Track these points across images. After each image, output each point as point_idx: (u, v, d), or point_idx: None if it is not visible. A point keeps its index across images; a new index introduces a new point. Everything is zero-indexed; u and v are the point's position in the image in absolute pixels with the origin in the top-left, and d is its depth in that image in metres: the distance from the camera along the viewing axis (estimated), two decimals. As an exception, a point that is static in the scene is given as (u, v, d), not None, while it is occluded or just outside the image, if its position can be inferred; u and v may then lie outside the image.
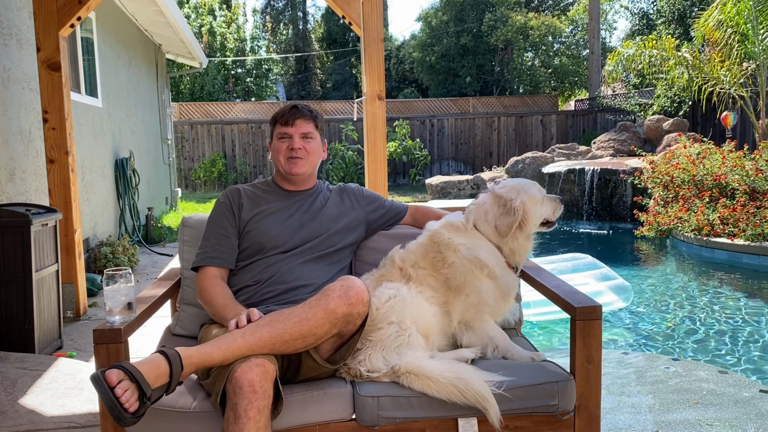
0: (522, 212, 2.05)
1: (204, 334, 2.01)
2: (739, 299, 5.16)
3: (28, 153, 4.68)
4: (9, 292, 3.44)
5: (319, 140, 2.28)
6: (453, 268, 2.03)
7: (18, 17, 4.65)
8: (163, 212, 10.41)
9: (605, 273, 5.08)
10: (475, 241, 2.07)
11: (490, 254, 2.05)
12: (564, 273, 5.00)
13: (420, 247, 2.12)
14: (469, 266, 2.02)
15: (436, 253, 2.06)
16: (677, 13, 17.92)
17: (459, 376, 1.76)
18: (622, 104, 15.97)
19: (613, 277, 5.00)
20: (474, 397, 1.73)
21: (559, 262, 5.39)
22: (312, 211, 2.25)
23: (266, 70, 21.73)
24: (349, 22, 4.42)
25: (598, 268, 5.19)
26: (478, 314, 2.02)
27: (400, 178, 17.22)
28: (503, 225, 2.06)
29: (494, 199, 2.11)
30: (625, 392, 3.21)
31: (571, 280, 4.70)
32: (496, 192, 2.13)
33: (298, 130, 2.21)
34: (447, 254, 2.05)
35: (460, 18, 21.80)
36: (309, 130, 2.23)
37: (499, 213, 2.07)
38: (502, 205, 2.08)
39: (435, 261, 2.06)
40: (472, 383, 1.74)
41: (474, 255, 2.03)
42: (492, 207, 2.10)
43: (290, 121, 2.21)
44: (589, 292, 4.50)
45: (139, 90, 9.05)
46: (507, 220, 2.05)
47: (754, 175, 7.06)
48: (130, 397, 1.53)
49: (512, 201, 2.07)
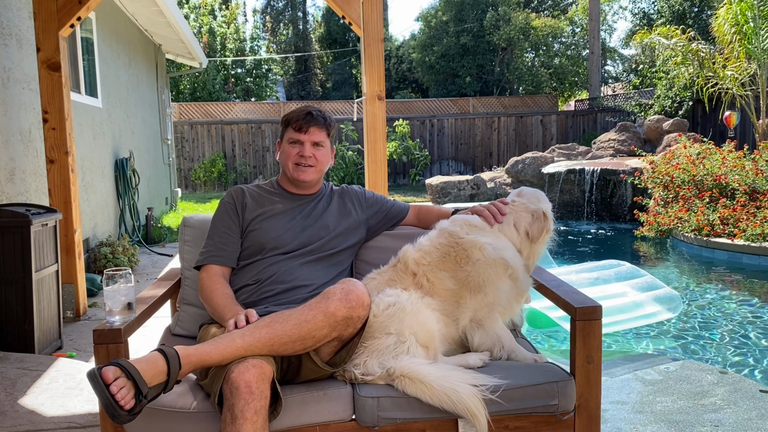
0: (550, 219, 2.17)
1: (203, 334, 2.01)
2: (739, 299, 5.16)
3: (28, 153, 4.68)
4: (9, 293, 3.44)
5: (329, 148, 2.27)
6: (477, 265, 2.03)
7: (18, 17, 4.65)
8: (163, 212, 10.42)
9: (649, 282, 4.53)
10: (502, 242, 2.11)
11: (515, 256, 2.09)
12: (598, 283, 4.51)
13: (440, 248, 2.11)
14: (494, 265, 2.03)
15: (460, 251, 2.07)
16: (677, 13, 17.93)
17: (453, 386, 1.75)
18: (622, 104, 15.98)
19: (658, 286, 4.48)
20: (465, 411, 1.73)
21: (594, 271, 4.82)
22: (314, 214, 2.25)
23: (266, 70, 21.74)
24: (349, 22, 4.42)
25: (640, 277, 4.64)
26: (490, 313, 2.03)
27: (400, 178, 17.22)
28: (535, 230, 2.14)
29: (520, 207, 2.19)
30: (625, 390, 3.21)
31: (606, 290, 4.33)
32: (516, 200, 2.22)
33: (310, 137, 2.20)
34: (472, 252, 2.05)
35: (459, 18, 21.81)
36: (321, 139, 2.22)
37: (530, 219, 2.15)
38: (530, 212, 2.16)
39: (458, 258, 2.06)
40: (465, 398, 1.73)
41: (500, 255, 2.05)
42: (521, 213, 2.17)
43: (304, 128, 2.19)
44: (629, 303, 4.15)
45: (139, 90, 9.05)
46: (539, 225, 2.14)
47: (754, 175, 7.06)
48: (126, 395, 1.53)
49: (540, 208, 2.17)
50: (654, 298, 4.33)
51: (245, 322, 1.78)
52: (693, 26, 17.82)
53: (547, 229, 2.15)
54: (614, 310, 4.03)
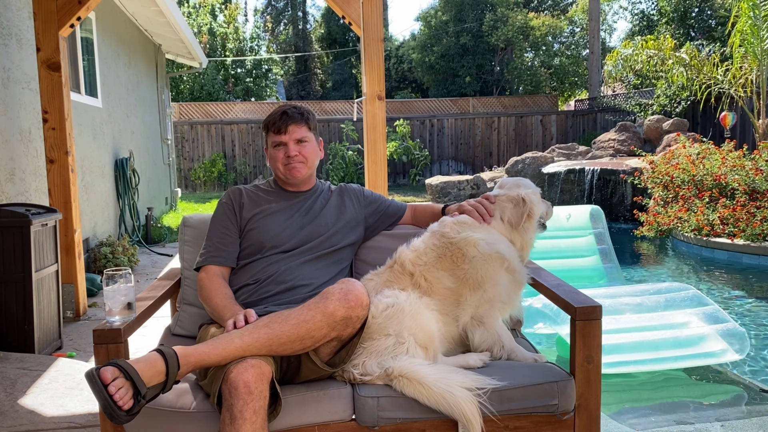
0: (530, 202, 2.14)
1: (203, 334, 2.01)
2: (739, 299, 5.16)
3: (28, 153, 4.68)
4: (9, 292, 3.44)
5: (314, 141, 2.27)
6: (474, 262, 2.03)
7: (18, 17, 4.65)
8: (163, 212, 10.42)
9: (713, 312, 3.69)
10: (493, 236, 2.10)
11: (508, 248, 2.09)
12: (655, 309, 3.76)
13: (434, 249, 2.10)
14: (490, 260, 2.03)
15: (455, 250, 2.06)
16: (677, 14, 17.92)
17: (450, 389, 1.74)
18: (622, 104, 15.98)
19: (723, 319, 3.64)
20: (461, 416, 1.73)
21: (655, 294, 4.00)
22: (313, 212, 2.25)
23: (266, 70, 21.72)
24: (349, 22, 4.42)
25: (705, 305, 3.79)
26: (491, 309, 2.02)
27: (400, 178, 17.22)
28: (515, 216, 2.13)
29: (503, 197, 2.18)
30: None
31: (664, 317, 3.66)
32: (497, 193, 2.22)
33: (291, 136, 2.20)
34: (467, 249, 2.05)
35: (459, 18, 21.81)
36: (302, 135, 2.21)
37: (511, 207, 2.15)
38: (510, 199, 2.15)
39: (455, 257, 2.05)
40: (461, 402, 1.73)
41: (495, 249, 2.05)
42: (504, 203, 2.17)
43: (283, 129, 2.19)
44: (691, 336, 3.45)
45: (139, 90, 9.05)
46: (518, 210, 2.13)
47: (754, 175, 7.06)
48: (124, 395, 1.53)
49: (519, 194, 2.15)
50: (720, 332, 3.54)
51: (244, 322, 1.78)
52: (694, 26, 17.84)
53: (528, 213, 2.12)
54: (674, 343, 3.43)
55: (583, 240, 5.65)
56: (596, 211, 5.76)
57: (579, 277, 5.29)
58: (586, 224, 5.72)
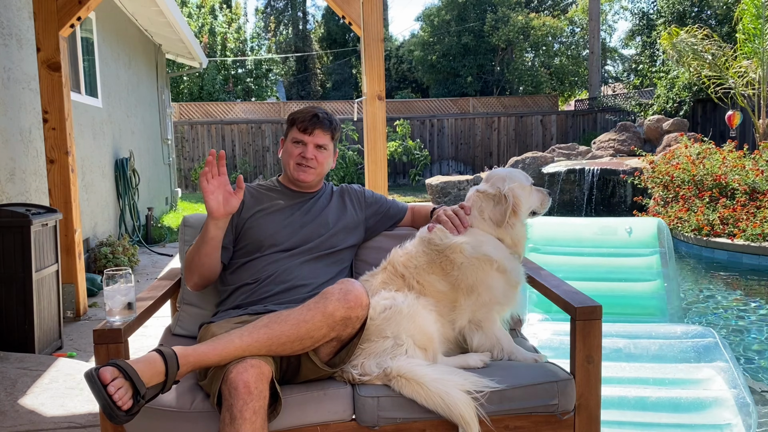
0: (513, 197, 2.06)
1: (203, 334, 2.01)
2: (739, 299, 5.16)
3: (28, 153, 4.68)
4: (9, 292, 3.44)
5: (332, 151, 2.27)
6: (462, 268, 1.99)
7: (18, 17, 4.65)
8: (163, 212, 10.42)
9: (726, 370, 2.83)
10: (478, 238, 2.05)
11: (495, 248, 2.04)
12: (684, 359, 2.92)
13: (423, 255, 2.07)
14: (478, 264, 1.99)
15: (443, 258, 2.03)
16: (677, 14, 17.91)
17: (448, 390, 1.74)
18: (622, 104, 15.98)
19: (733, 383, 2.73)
20: (458, 418, 1.72)
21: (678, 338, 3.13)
22: (313, 212, 2.25)
23: (266, 70, 21.72)
24: (349, 22, 4.42)
25: (717, 360, 2.94)
26: (488, 313, 2.00)
27: (400, 178, 17.22)
28: (497, 214, 2.06)
29: (483, 194, 2.12)
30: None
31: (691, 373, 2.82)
32: (482, 188, 2.15)
33: (314, 139, 2.20)
34: (453, 256, 2.01)
35: (462, 17, 21.81)
36: (325, 142, 2.22)
37: (492, 204, 2.08)
38: (491, 197, 2.09)
39: (443, 264, 2.02)
40: (458, 404, 1.72)
41: (481, 252, 2.00)
42: (483, 201, 2.11)
43: (309, 129, 2.19)
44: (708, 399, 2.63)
45: (139, 90, 9.05)
46: (500, 208, 2.06)
47: (754, 175, 7.06)
48: (123, 395, 1.53)
49: (501, 189, 2.08)
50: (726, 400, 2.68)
51: (214, 160, 1.92)
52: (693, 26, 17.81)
53: (513, 210, 2.05)
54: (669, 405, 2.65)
55: (643, 260, 4.31)
56: (663, 226, 4.45)
57: (633, 306, 4.03)
58: (652, 241, 4.38)
